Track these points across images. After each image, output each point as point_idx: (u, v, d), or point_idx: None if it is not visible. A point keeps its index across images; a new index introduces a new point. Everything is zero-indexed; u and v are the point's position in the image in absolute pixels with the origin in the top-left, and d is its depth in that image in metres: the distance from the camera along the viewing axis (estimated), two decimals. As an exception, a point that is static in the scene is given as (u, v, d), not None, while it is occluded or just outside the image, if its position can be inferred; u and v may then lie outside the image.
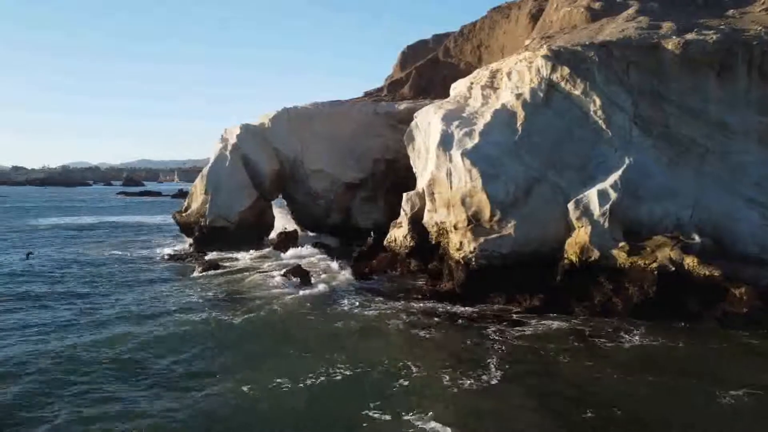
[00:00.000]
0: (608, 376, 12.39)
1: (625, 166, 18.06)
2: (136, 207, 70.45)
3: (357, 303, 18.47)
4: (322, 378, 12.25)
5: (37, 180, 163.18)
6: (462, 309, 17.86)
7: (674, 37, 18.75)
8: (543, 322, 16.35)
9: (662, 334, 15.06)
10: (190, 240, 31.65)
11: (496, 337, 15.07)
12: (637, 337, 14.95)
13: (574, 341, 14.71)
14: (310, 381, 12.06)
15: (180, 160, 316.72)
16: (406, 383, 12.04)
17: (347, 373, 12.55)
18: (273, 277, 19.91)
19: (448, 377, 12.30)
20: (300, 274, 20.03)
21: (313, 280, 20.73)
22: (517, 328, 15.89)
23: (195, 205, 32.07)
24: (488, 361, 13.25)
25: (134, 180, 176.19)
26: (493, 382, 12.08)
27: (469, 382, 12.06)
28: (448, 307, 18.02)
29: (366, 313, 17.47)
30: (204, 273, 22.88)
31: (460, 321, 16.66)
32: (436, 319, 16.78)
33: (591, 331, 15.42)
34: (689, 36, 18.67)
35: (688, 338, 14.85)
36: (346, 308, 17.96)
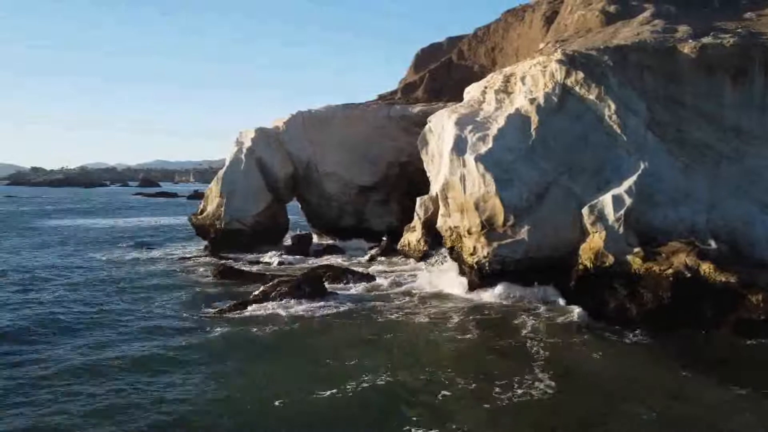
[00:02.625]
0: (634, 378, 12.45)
1: (639, 171, 17.96)
2: (153, 208, 71.13)
3: (378, 308, 18.21)
4: (360, 389, 11.69)
5: (55, 181, 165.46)
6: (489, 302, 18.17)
7: (690, 40, 18.62)
8: (566, 326, 16.26)
9: (679, 340, 14.99)
10: (205, 242, 31.97)
11: (528, 340, 14.77)
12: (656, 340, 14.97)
13: (607, 347, 14.61)
14: (344, 393, 11.52)
15: (195, 160, 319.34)
16: (448, 393, 11.56)
17: (384, 383, 12.01)
18: (287, 282, 19.85)
19: (495, 388, 11.75)
20: (314, 282, 19.92)
21: (328, 285, 20.64)
22: (544, 330, 15.69)
23: (210, 208, 32.36)
24: (529, 367, 12.89)
25: (150, 181, 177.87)
26: (538, 393, 11.62)
27: (516, 393, 11.56)
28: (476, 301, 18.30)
29: (392, 318, 17.18)
30: (221, 280, 22.94)
31: (488, 322, 16.51)
32: (464, 320, 16.57)
33: (614, 337, 15.45)
34: (705, 39, 18.53)
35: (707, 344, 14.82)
36: (368, 314, 17.57)
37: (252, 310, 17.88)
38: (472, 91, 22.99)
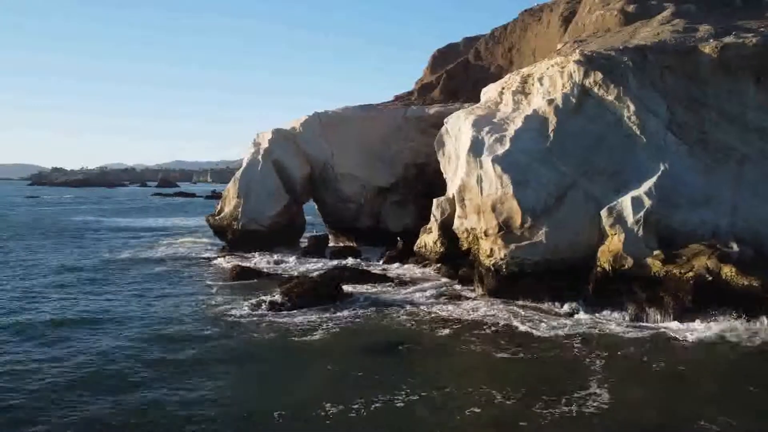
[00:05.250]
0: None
1: (659, 172, 17.75)
2: (171, 208, 71.70)
3: (394, 314, 17.72)
4: (373, 404, 10.84)
5: (76, 181, 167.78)
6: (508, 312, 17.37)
7: (711, 40, 18.39)
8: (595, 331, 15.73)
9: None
10: (223, 243, 32.25)
11: (567, 349, 14.03)
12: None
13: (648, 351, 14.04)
14: (354, 408, 10.70)
15: (213, 161, 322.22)
16: (478, 410, 10.57)
17: (401, 398, 11.16)
18: (304, 284, 19.76)
19: (538, 402, 10.75)
20: (330, 285, 19.80)
21: (345, 287, 20.49)
22: (569, 336, 15.05)
23: (228, 209, 32.59)
24: (580, 379, 11.92)
25: (169, 181, 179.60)
26: (591, 408, 10.57)
27: (561, 409, 10.51)
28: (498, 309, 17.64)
29: (411, 325, 16.52)
30: (238, 281, 22.99)
31: (511, 330, 15.77)
32: (483, 328, 15.96)
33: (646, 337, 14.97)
34: (727, 39, 18.28)
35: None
36: (385, 321, 17.00)
37: (266, 312, 17.77)
38: (489, 92, 22.88)
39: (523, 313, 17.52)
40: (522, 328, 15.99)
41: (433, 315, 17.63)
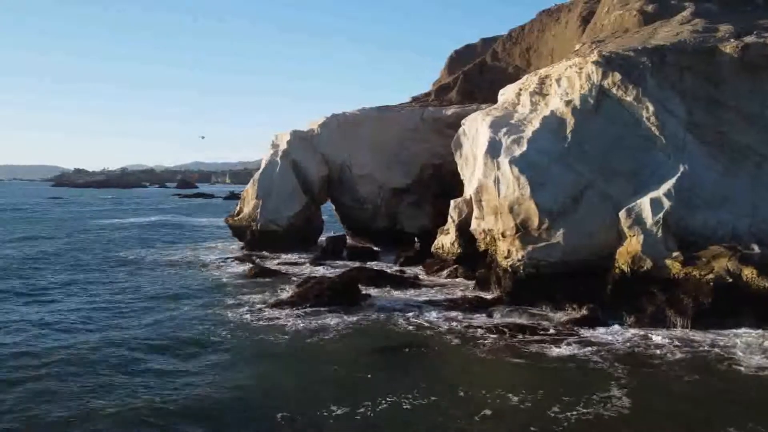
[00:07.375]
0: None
1: (678, 173, 17.61)
2: (191, 209, 72.38)
3: (409, 316, 17.61)
4: (380, 406, 10.73)
5: (97, 182, 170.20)
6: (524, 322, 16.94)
7: (732, 40, 18.24)
8: (606, 334, 15.62)
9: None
10: (241, 243, 32.61)
11: (572, 352, 13.96)
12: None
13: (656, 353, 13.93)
14: (360, 410, 10.57)
15: (231, 162, 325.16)
16: (489, 412, 10.43)
17: (413, 399, 11.07)
18: (321, 285, 19.86)
19: (555, 406, 10.55)
20: (347, 286, 19.85)
21: (362, 289, 20.51)
22: (586, 342, 14.79)
23: (247, 210, 32.95)
24: (598, 384, 11.72)
25: (187, 182, 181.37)
26: (610, 412, 10.39)
27: (580, 412, 10.30)
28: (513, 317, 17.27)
29: (426, 329, 16.31)
30: (256, 281, 23.22)
31: (527, 334, 15.54)
32: (499, 333, 15.68)
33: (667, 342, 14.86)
34: (748, 39, 18.11)
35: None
36: (401, 324, 16.84)
37: (281, 312, 17.84)
38: (506, 93, 22.85)
39: (540, 316, 17.46)
40: (539, 331, 15.85)
41: (447, 317, 17.56)
